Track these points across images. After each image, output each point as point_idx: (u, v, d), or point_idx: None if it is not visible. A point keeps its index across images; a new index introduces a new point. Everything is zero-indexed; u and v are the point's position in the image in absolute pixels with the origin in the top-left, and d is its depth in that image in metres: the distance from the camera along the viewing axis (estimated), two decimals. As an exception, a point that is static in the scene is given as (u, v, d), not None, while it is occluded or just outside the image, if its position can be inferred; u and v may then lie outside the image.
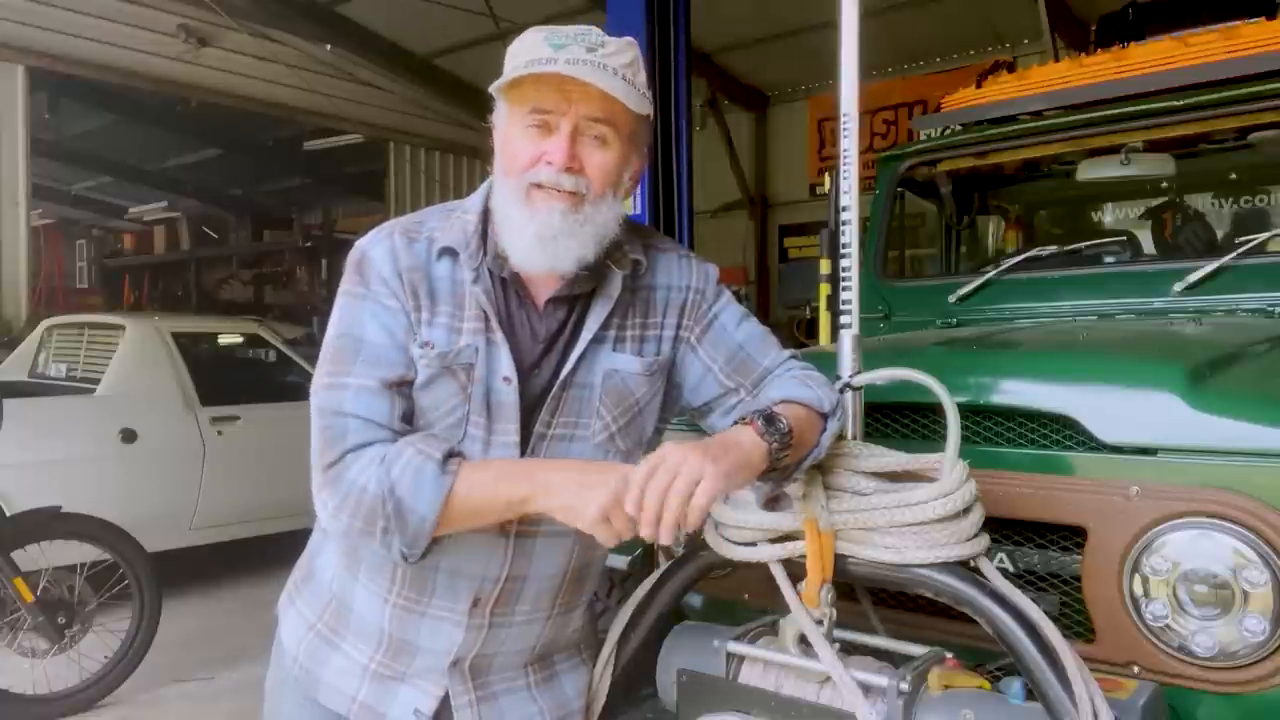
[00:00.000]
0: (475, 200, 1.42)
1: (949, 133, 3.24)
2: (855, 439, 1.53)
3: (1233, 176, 3.26)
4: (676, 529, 1.15)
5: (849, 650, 1.48)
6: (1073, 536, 1.63)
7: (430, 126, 12.70)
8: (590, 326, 1.38)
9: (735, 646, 1.52)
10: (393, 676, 1.44)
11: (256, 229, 17.31)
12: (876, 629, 1.61)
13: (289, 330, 7.18)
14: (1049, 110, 2.98)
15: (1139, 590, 1.52)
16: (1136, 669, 1.52)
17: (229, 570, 6.02)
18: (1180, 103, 2.68)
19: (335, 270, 1.46)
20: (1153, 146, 2.88)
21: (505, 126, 1.35)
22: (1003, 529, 1.67)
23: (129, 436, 5.33)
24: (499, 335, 1.34)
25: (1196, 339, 2.25)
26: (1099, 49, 3.21)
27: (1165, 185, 3.20)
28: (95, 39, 9.66)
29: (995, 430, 1.74)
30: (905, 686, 1.35)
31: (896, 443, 1.66)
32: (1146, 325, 2.54)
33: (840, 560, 1.40)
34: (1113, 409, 1.62)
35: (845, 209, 1.60)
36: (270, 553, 5.31)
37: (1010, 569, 1.69)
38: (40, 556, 3.95)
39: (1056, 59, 4.21)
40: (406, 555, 1.28)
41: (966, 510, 1.36)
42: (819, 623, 1.38)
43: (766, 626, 1.55)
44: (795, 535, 1.42)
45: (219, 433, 5.72)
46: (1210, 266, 2.53)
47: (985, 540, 1.40)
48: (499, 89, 1.32)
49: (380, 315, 1.34)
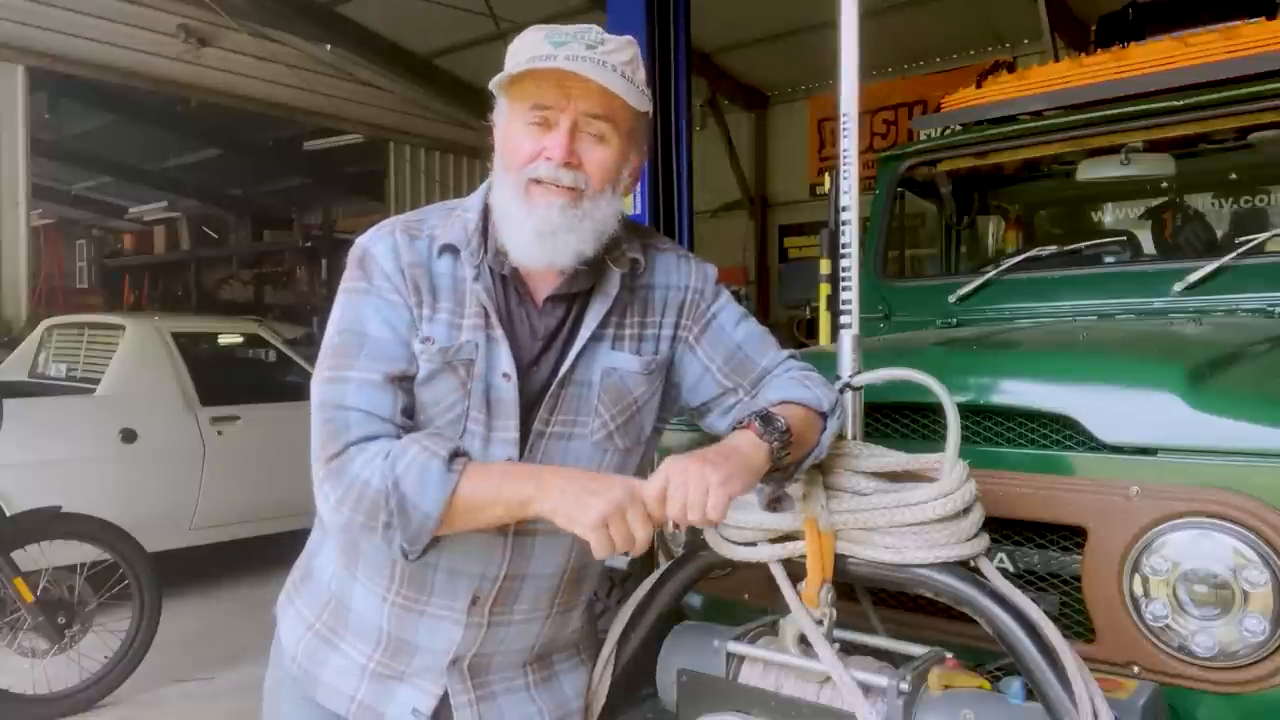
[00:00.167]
0: (476, 198, 1.43)
1: (949, 133, 3.24)
2: (855, 439, 1.54)
3: (1233, 176, 3.26)
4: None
5: (849, 650, 1.48)
6: (1073, 536, 1.63)
7: (430, 126, 12.69)
8: (589, 324, 1.38)
9: (735, 646, 1.52)
10: (391, 676, 1.44)
11: (256, 229, 17.30)
12: (876, 629, 1.61)
13: (289, 330, 7.18)
14: (1049, 110, 2.98)
15: (1139, 590, 1.52)
16: (1136, 669, 1.52)
17: (229, 570, 6.02)
18: (1180, 103, 2.68)
19: (335, 270, 1.46)
20: (1153, 146, 2.87)
21: (505, 123, 1.36)
22: (1003, 529, 1.67)
23: (129, 436, 5.32)
24: (499, 332, 1.35)
25: (1196, 339, 2.25)
26: (1099, 49, 3.21)
27: (1165, 185, 3.20)
28: (95, 39, 9.66)
29: (995, 430, 1.74)
30: (905, 686, 1.35)
31: (896, 443, 1.66)
32: (1146, 325, 2.54)
33: (840, 560, 1.40)
34: (1113, 409, 1.62)
35: (845, 209, 1.60)
36: (270, 553, 5.30)
37: (1010, 569, 1.69)
38: (40, 556, 3.95)
39: (1056, 59, 4.21)
40: (407, 552, 1.27)
41: (966, 510, 1.36)
42: (819, 623, 1.38)
43: (766, 626, 1.55)
44: (795, 535, 1.42)
45: (219, 433, 5.72)
46: (1210, 266, 2.53)
47: (985, 540, 1.40)
48: (499, 85, 1.32)
49: (383, 310, 1.34)
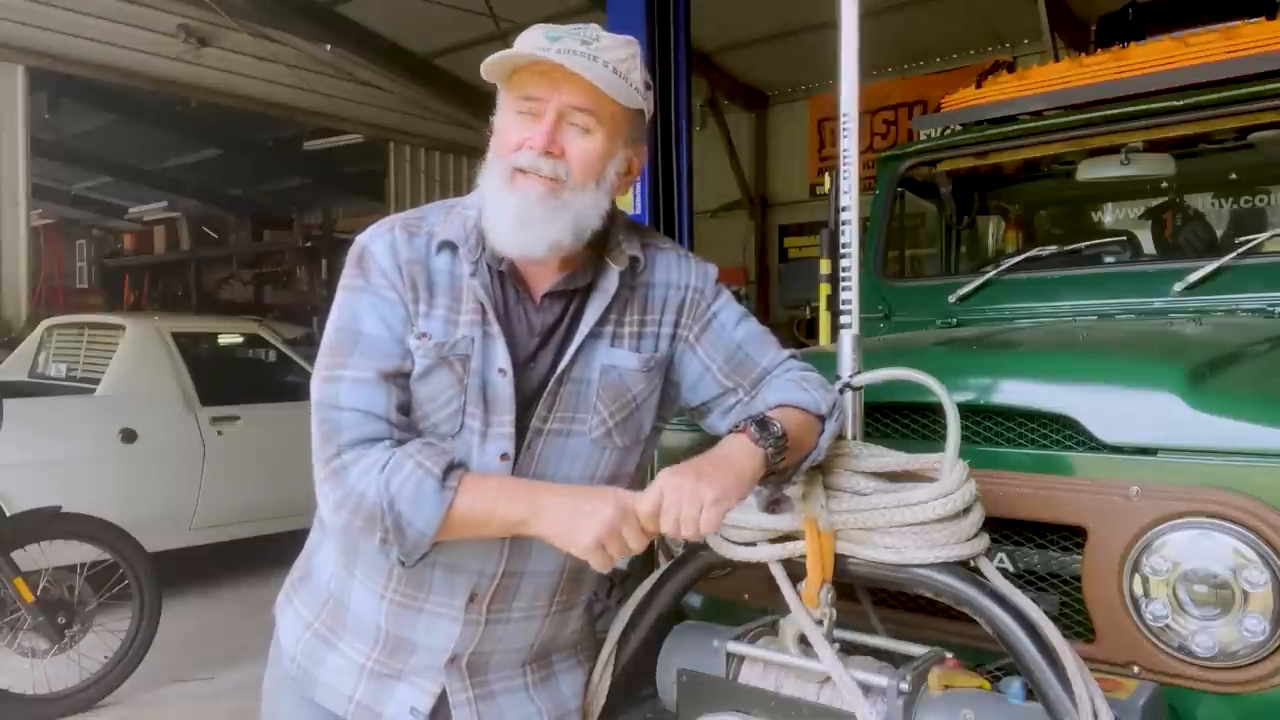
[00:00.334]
0: (476, 197, 1.43)
1: (949, 133, 3.24)
2: (855, 439, 1.54)
3: (1233, 176, 3.26)
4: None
5: (849, 650, 1.48)
6: (1073, 536, 1.63)
7: (430, 126, 12.69)
8: (587, 321, 1.39)
9: (735, 646, 1.52)
10: (389, 675, 1.44)
11: (256, 229, 17.29)
12: (876, 629, 1.61)
13: (289, 330, 7.18)
14: (1049, 110, 2.98)
15: (1139, 590, 1.52)
16: (1136, 669, 1.52)
17: (229, 570, 6.02)
18: (1180, 103, 2.68)
19: (335, 270, 1.47)
20: (1153, 146, 2.87)
21: (500, 114, 1.38)
22: (1003, 529, 1.67)
23: (129, 436, 5.32)
24: (495, 328, 1.35)
25: (1196, 339, 2.26)
26: (1099, 49, 3.21)
27: (1165, 185, 3.20)
28: (95, 39, 9.65)
29: (995, 430, 1.74)
30: (905, 686, 1.35)
31: (896, 443, 1.66)
32: (1146, 325, 2.54)
33: (840, 560, 1.40)
34: (1113, 409, 1.62)
35: (845, 209, 1.60)
36: (270, 553, 5.30)
37: (1010, 569, 1.69)
38: (40, 556, 3.95)
39: (1056, 59, 4.21)
40: (404, 562, 1.30)
41: (966, 510, 1.36)
42: (819, 623, 1.38)
43: (766, 626, 1.55)
44: (795, 535, 1.42)
45: (219, 433, 5.72)
46: (1210, 266, 2.53)
47: (985, 540, 1.40)
48: (493, 75, 1.34)
49: (378, 307, 1.35)
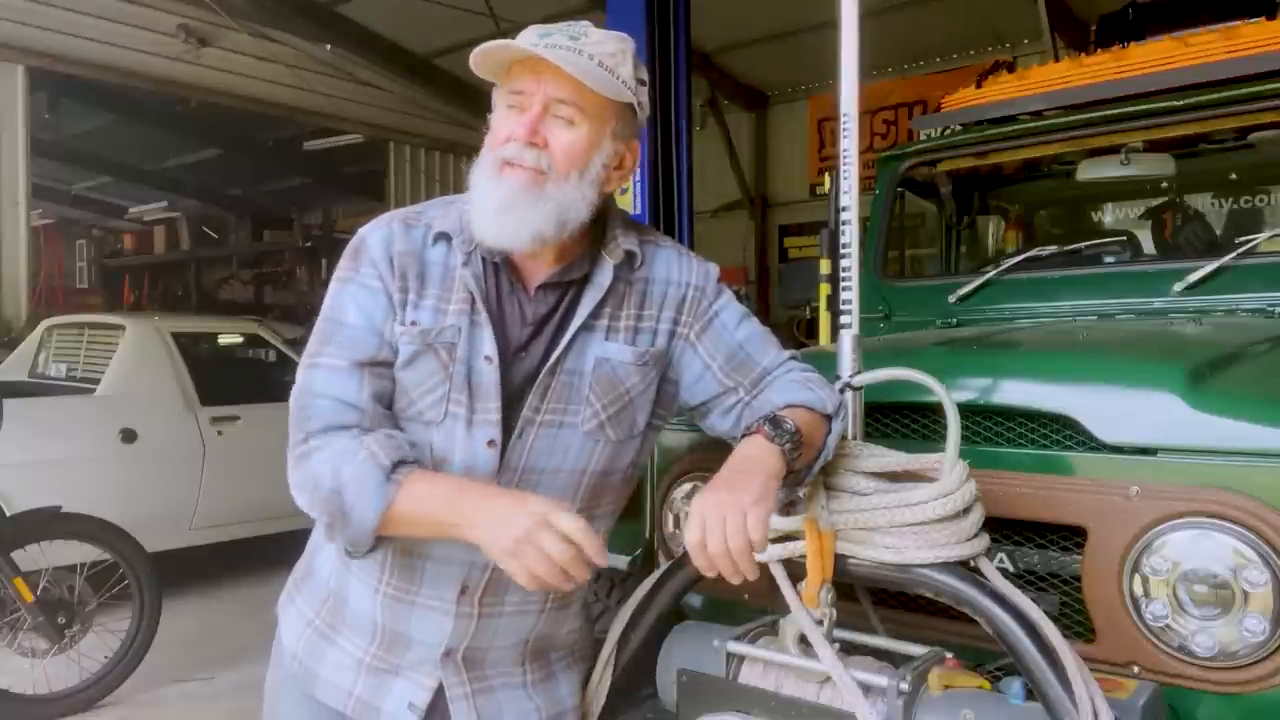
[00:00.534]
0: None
1: (949, 133, 3.24)
2: (855, 439, 1.54)
3: (1233, 176, 3.26)
4: (754, 563, 1.23)
5: (849, 650, 1.48)
6: (1073, 536, 1.63)
7: (430, 126, 12.69)
8: (580, 313, 1.39)
9: (735, 646, 1.52)
10: (387, 670, 1.45)
11: (256, 229, 17.28)
12: (876, 629, 1.61)
13: (289, 330, 7.15)
14: (1049, 110, 2.98)
15: (1139, 590, 1.52)
16: (1136, 669, 1.52)
17: (229, 570, 6.02)
18: (1180, 103, 2.68)
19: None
20: (1153, 146, 2.87)
21: (494, 109, 1.40)
22: (1003, 529, 1.67)
23: (129, 436, 5.32)
24: (483, 316, 1.37)
25: (1196, 339, 2.25)
26: (1099, 49, 3.21)
27: (1165, 185, 3.20)
28: (95, 39, 9.65)
29: (995, 430, 1.74)
30: (905, 686, 1.35)
31: (896, 443, 1.66)
32: (1146, 325, 2.54)
33: (840, 560, 1.40)
34: (1113, 409, 1.62)
35: (845, 209, 1.60)
36: (270, 553, 5.30)
37: (1010, 569, 1.69)
38: (40, 556, 3.95)
39: (1056, 59, 4.21)
40: (350, 552, 1.32)
41: (966, 510, 1.36)
42: (819, 623, 1.38)
43: (766, 626, 1.55)
44: (795, 535, 1.42)
45: (219, 433, 5.72)
46: (1210, 266, 2.53)
47: (985, 540, 1.40)
48: (484, 71, 1.36)
49: (359, 297, 1.38)
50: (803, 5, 8.66)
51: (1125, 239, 3.21)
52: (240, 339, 6.82)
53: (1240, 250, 2.53)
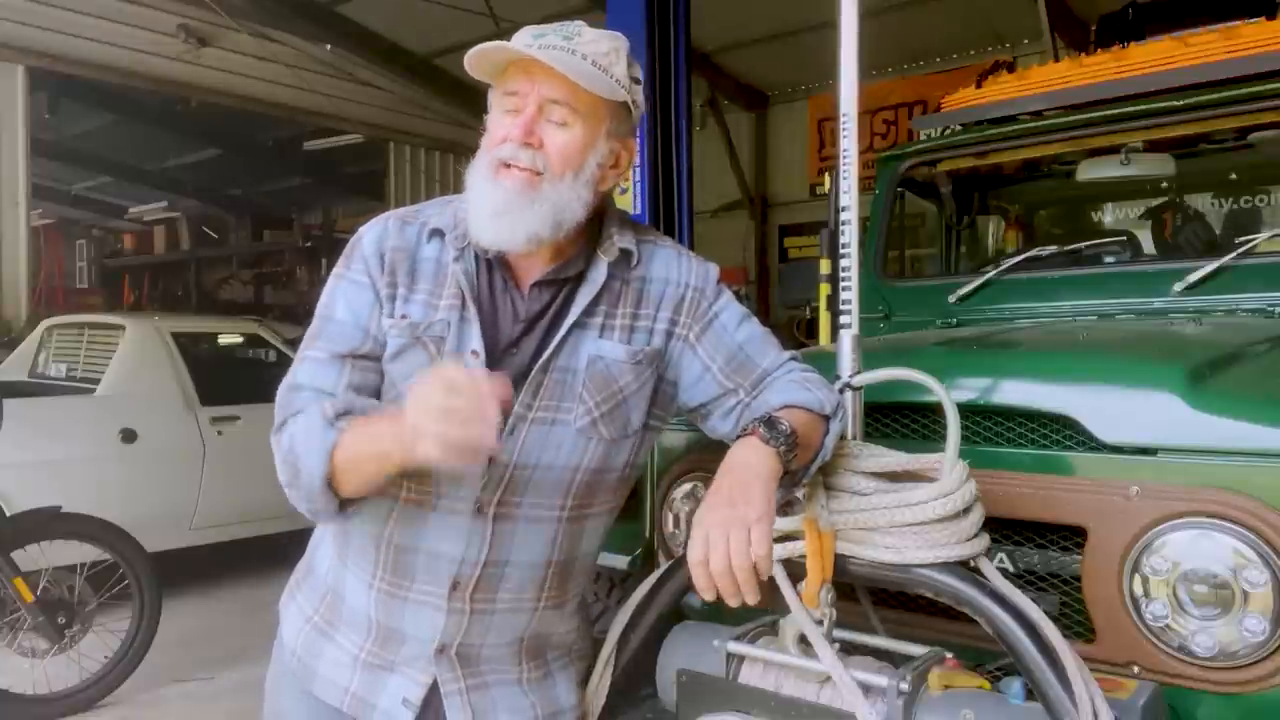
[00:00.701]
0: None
1: (949, 133, 3.24)
2: (855, 439, 1.53)
3: (1233, 176, 3.26)
4: (757, 586, 1.22)
5: (849, 650, 1.48)
6: (1073, 536, 1.63)
7: (430, 126, 12.68)
8: (574, 311, 1.40)
9: (735, 646, 1.52)
10: (382, 666, 1.46)
11: (256, 229, 17.27)
12: (876, 629, 1.61)
13: (289, 330, 7.15)
14: (1049, 110, 2.98)
15: (1139, 590, 1.52)
16: (1136, 669, 1.52)
17: (229, 570, 6.02)
18: (1180, 103, 2.68)
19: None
20: (1153, 146, 2.87)
21: (489, 110, 1.41)
22: (1003, 529, 1.67)
23: (129, 436, 5.32)
24: (472, 312, 1.38)
25: (1196, 339, 2.25)
26: (1099, 49, 3.21)
27: (1165, 185, 3.20)
28: (95, 39, 9.64)
29: (995, 430, 1.74)
30: (905, 686, 1.35)
31: (896, 443, 1.66)
32: (1146, 325, 2.54)
33: (840, 560, 1.40)
34: (1113, 409, 1.62)
35: (845, 209, 1.60)
36: (270, 553, 5.30)
37: (1010, 569, 1.69)
38: (40, 556, 3.95)
39: (1056, 59, 4.20)
40: (314, 513, 1.33)
41: (966, 510, 1.36)
42: (819, 623, 1.38)
43: (766, 626, 1.55)
44: (795, 535, 1.42)
45: (219, 433, 5.72)
46: (1210, 266, 2.53)
47: (985, 540, 1.40)
48: (478, 73, 1.37)
49: (348, 293, 1.41)
50: (803, 5, 8.66)
51: (1125, 239, 3.21)
52: (240, 339, 6.82)
53: (1240, 250, 2.53)
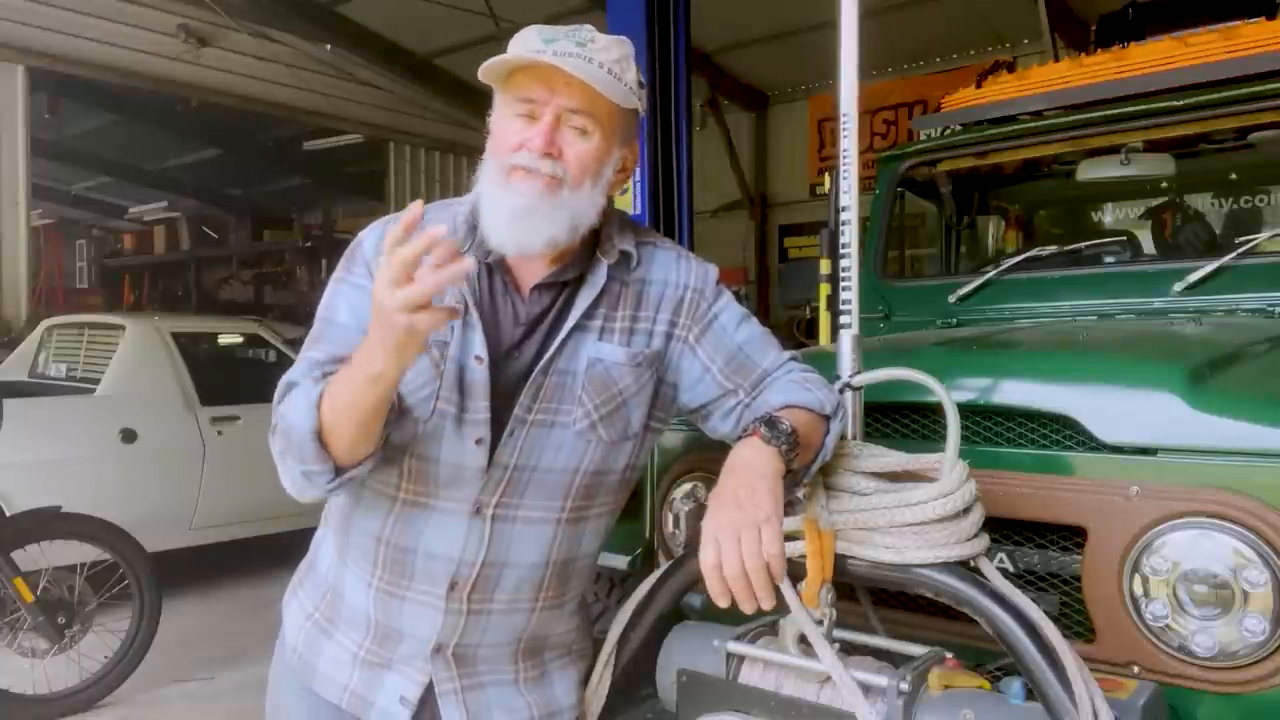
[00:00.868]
0: (472, 194, 1.46)
1: (949, 133, 3.24)
2: (855, 439, 1.53)
3: (1233, 176, 3.26)
4: (772, 587, 1.21)
5: (849, 650, 1.48)
6: (1073, 536, 1.63)
7: (430, 126, 12.69)
8: (574, 314, 1.40)
9: (735, 646, 1.52)
10: (380, 664, 1.46)
11: (256, 229, 17.26)
12: (876, 629, 1.61)
13: (289, 330, 7.16)
14: (1049, 110, 2.98)
15: (1139, 590, 1.52)
16: (1136, 669, 1.52)
17: (229, 570, 6.02)
18: (1180, 103, 2.68)
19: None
20: (1153, 146, 2.87)
21: (497, 115, 1.39)
22: (1003, 529, 1.67)
23: (129, 436, 5.32)
24: (474, 316, 1.38)
25: (1196, 339, 2.25)
26: (1099, 49, 3.21)
27: (1165, 185, 3.20)
28: (95, 39, 9.65)
29: (995, 430, 1.74)
30: (905, 686, 1.35)
31: (896, 443, 1.66)
32: (1146, 325, 2.54)
33: (840, 560, 1.40)
34: (1113, 409, 1.62)
35: (845, 209, 1.60)
36: (270, 553, 5.31)
37: (1010, 569, 1.69)
38: (40, 556, 3.95)
39: (1056, 59, 4.20)
40: (309, 474, 1.28)
41: (966, 510, 1.36)
42: (819, 623, 1.37)
43: (766, 626, 1.54)
44: (795, 535, 1.42)
45: (219, 433, 5.72)
46: (1210, 266, 2.53)
47: (985, 540, 1.40)
48: (489, 77, 1.36)
49: (350, 297, 1.40)
50: (803, 5, 8.67)
51: (1125, 239, 3.21)
52: (240, 339, 6.82)
53: (1240, 250, 2.53)
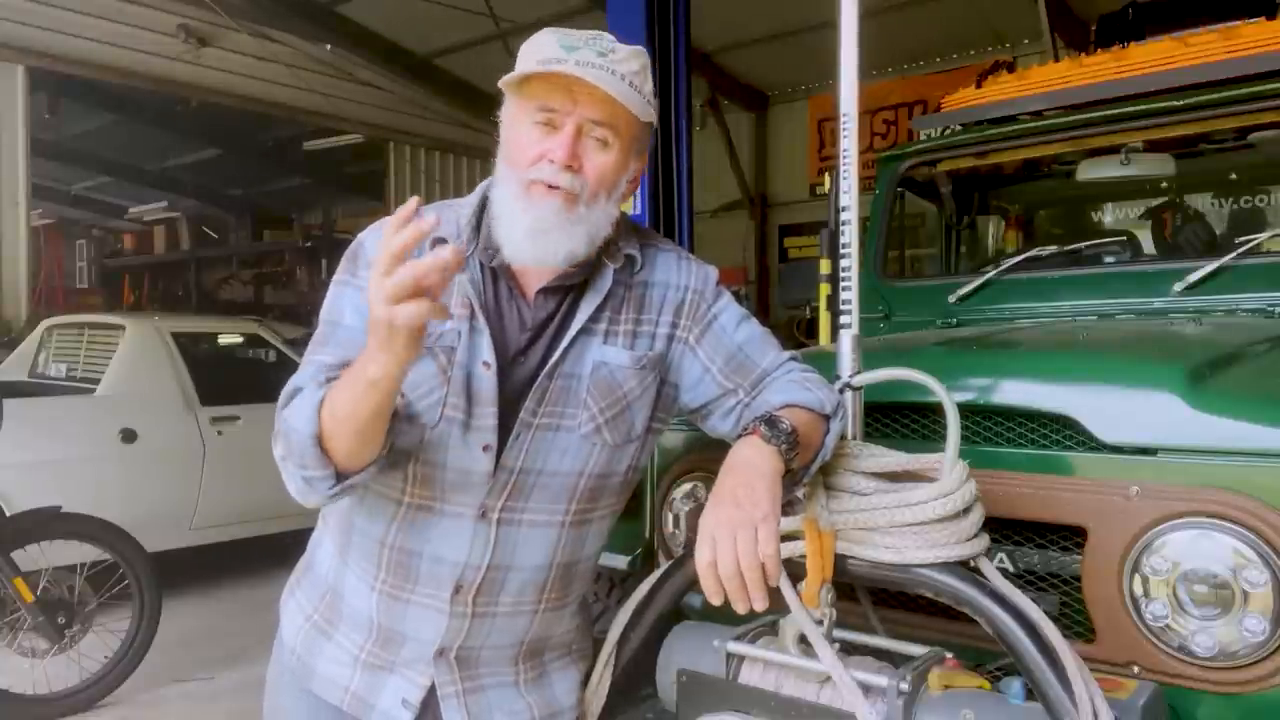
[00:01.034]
0: (473, 195, 1.46)
1: (949, 133, 3.24)
2: (855, 439, 1.53)
3: (1233, 176, 3.26)
4: (767, 588, 1.20)
5: (849, 650, 1.48)
6: (1073, 536, 1.63)
7: (430, 126, 12.70)
8: (579, 317, 1.39)
9: (735, 646, 1.52)
10: (381, 666, 1.46)
11: (256, 229, 17.27)
12: (876, 629, 1.61)
13: (289, 330, 7.17)
14: (1049, 110, 2.98)
15: (1139, 590, 1.52)
16: (1136, 669, 1.52)
17: (229, 570, 6.02)
18: (1180, 103, 2.68)
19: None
20: (1153, 146, 2.87)
21: (511, 121, 1.37)
22: (1003, 529, 1.67)
23: (129, 436, 5.32)
24: (481, 322, 1.37)
25: (1196, 339, 2.25)
26: (1099, 49, 3.21)
27: (1165, 185, 3.20)
28: (95, 39, 9.65)
29: (995, 430, 1.74)
30: (905, 686, 1.35)
31: (896, 443, 1.66)
32: (1146, 325, 2.54)
33: (840, 560, 1.40)
34: (1113, 409, 1.62)
35: (845, 209, 1.60)
36: (270, 553, 5.31)
37: (1010, 569, 1.69)
38: (40, 556, 3.95)
39: (1056, 59, 4.20)
40: (309, 480, 1.26)
41: (966, 510, 1.36)
42: (819, 623, 1.37)
43: (766, 626, 1.55)
44: (795, 535, 1.42)
45: (219, 433, 5.72)
46: (1210, 266, 2.53)
47: (985, 540, 1.40)
48: (509, 84, 1.34)
49: (355, 299, 1.37)
50: (803, 5, 8.68)
51: (1125, 239, 3.21)
52: (240, 339, 6.82)
53: (1240, 250, 2.53)
